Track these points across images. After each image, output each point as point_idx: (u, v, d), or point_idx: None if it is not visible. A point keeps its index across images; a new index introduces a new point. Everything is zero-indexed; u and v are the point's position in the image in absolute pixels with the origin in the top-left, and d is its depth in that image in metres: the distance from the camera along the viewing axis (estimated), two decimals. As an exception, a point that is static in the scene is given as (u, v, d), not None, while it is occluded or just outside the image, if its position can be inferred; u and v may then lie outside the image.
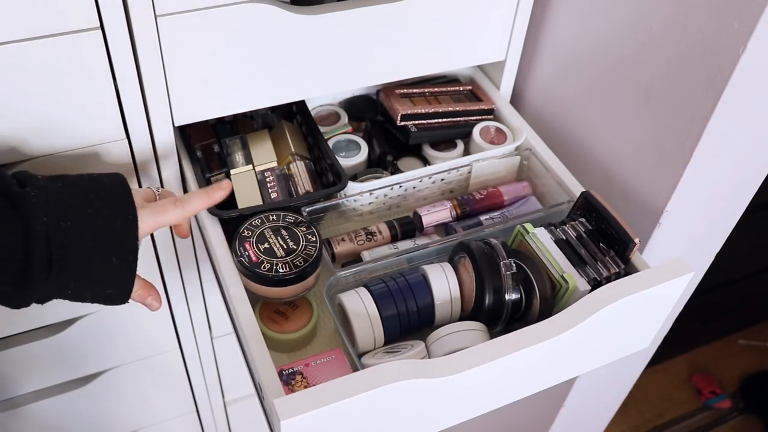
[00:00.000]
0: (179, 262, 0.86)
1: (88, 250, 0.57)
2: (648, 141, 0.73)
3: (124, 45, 0.64)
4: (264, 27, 0.69)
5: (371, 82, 0.81)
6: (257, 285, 0.67)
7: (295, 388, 0.64)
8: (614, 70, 0.76)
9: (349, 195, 0.76)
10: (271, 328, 0.70)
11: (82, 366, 0.93)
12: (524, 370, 0.63)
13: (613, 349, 0.71)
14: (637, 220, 0.77)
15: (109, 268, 0.58)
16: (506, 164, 0.83)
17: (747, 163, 0.76)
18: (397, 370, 0.55)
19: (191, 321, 0.96)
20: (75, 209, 0.57)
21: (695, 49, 0.65)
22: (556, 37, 0.85)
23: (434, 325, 0.68)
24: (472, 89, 0.90)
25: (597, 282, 0.67)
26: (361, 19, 0.73)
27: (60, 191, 0.58)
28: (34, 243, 0.54)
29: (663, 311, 0.69)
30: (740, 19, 0.59)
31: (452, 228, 0.78)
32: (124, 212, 0.59)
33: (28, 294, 0.56)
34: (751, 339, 2.08)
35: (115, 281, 0.60)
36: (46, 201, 0.56)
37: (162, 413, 1.11)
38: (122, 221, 0.59)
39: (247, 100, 0.75)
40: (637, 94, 0.73)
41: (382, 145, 0.85)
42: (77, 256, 0.56)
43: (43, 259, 0.54)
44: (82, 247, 0.56)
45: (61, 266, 0.55)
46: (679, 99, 0.68)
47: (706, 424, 1.91)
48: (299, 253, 0.68)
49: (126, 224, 0.59)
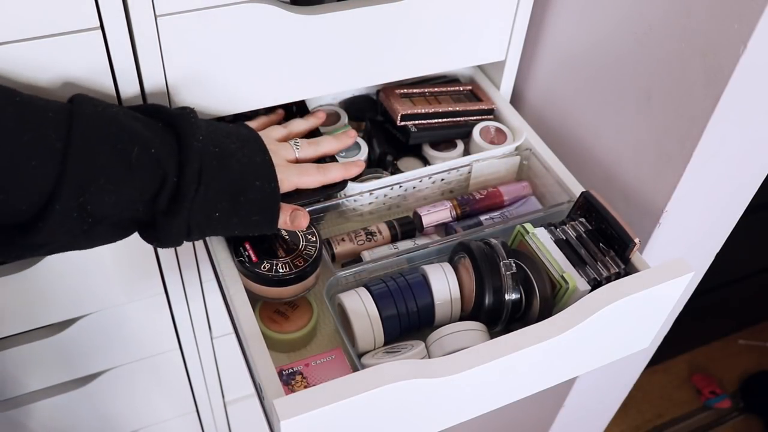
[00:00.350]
0: (179, 262, 0.86)
1: (234, 171, 0.61)
2: (648, 141, 0.73)
3: (124, 45, 0.64)
4: (264, 27, 0.69)
5: (371, 82, 0.81)
6: (257, 285, 0.67)
7: (295, 388, 0.64)
8: (614, 70, 0.76)
9: (349, 195, 0.76)
10: (271, 328, 0.70)
11: (82, 366, 0.93)
12: (524, 370, 0.63)
13: (613, 349, 0.71)
14: (637, 220, 0.77)
15: (253, 190, 0.62)
16: (506, 164, 0.83)
17: (747, 163, 0.76)
18: (397, 370, 0.55)
19: (191, 321, 0.96)
20: (222, 139, 0.62)
21: (695, 48, 0.65)
22: (557, 37, 0.85)
23: (434, 325, 0.68)
24: (472, 89, 0.90)
25: (597, 282, 0.66)
26: (361, 19, 0.73)
27: (209, 124, 0.63)
28: (189, 155, 0.58)
29: (663, 311, 0.69)
30: (740, 19, 0.59)
31: (452, 228, 0.78)
32: (261, 152, 0.65)
33: (176, 220, 0.58)
34: (751, 339, 2.08)
35: (260, 204, 0.63)
36: (200, 126, 0.61)
37: (162, 413, 1.11)
38: (261, 158, 0.64)
39: (246, 100, 0.75)
40: (638, 93, 0.73)
41: (382, 145, 0.85)
42: (225, 174, 0.60)
43: (195, 171, 0.58)
44: (228, 168, 0.61)
45: (210, 179, 0.59)
46: (680, 99, 0.68)
47: (706, 424, 1.91)
48: (299, 253, 0.68)
49: (265, 161, 0.64)
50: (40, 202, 0.53)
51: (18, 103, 0.53)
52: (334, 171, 0.72)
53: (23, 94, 0.55)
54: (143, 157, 0.57)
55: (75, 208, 0.54)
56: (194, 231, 0.61)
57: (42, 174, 0.53)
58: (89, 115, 0.56)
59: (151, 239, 0.62)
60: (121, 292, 0.86)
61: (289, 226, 0.66)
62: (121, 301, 0.87)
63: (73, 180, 0.53)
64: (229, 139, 0.63)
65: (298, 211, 0.66)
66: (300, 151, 0.72)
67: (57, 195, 0.53)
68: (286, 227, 0.66)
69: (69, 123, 0.54)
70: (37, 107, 0.54)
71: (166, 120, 0.61)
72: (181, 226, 0.60)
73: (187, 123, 0.60)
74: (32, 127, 0.53)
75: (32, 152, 0.52)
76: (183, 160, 0.58)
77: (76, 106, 0.56)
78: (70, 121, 0.54)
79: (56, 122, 0.54)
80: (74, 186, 0.53)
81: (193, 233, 0.61)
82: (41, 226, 0.53)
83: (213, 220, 0.61)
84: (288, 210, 0.66)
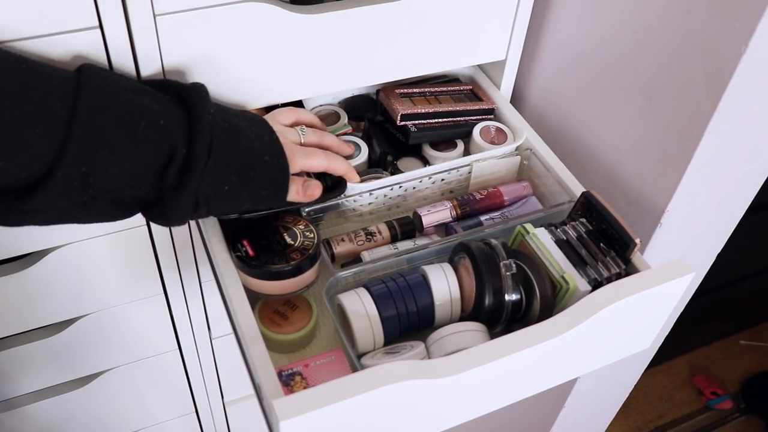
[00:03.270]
0: (178, 262, 0.86)
1: (244, 146, 0.62)
2: (649, 140, 0.73)
3: (122, 44, 0.64)
4: (263, 26, 0.69)
5: (371, 82, 0.81)
6: (256, 280, 0.67)
7: (294, 388, 0.64)
8: (615, 70, 0.76)
9: (348, 195, 0.76)
10: (271, 328, 0.70)
11: (81, 367, 0.93)
12: (524, 370, 0.63)
13: (614, 350, 0.71)
14: (638, 220, 0.77)
15: (263, 164, 0.63)
16: (506, 164, 0.83)
17: (748, 163, 0.76)
18: (397, 370, 0.55)
19: (190, 321, 0.96)
20: (231, 117, 0.63)
21: (696, 48, 0.64)
22: (557, 37, 0.85)
23: (434, 325, 0.68)
24: (472, 89, 0.90)
25: (597, 282, 0.66)
26: (361, 19, 0.73)
27: (217, 103, 0.64)
28: (199, 128, 0.58)
29: (664, 312, 0.69)
30: (741, 19, 0.59)
31: (452, 228, 0.78)
32: (269, 131, 0.65)
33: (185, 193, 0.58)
34: (752, 339, 2.07)
35: (270, 178, 0.64)
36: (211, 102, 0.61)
37: (161, 414, 1.10)
38: (269, 137, 0.65)
39: (246, 99, 0.74)
40: (638, 93, 0.73)
41: (382, 145, 0.85)
42: (235, 148, 0.61)
43: (205, 143, 0.58)
44: (238, 143, 0.61)
45: (220, 152, 0.59)
46: (681, 98, 0.68)
47: (707, 425, 1.91)
48: (297, 247, 0.68)
49: (272, 139, 0.65)
50: (41, 169, 0.53)
51: (24, 69, 0.53)
52: (339, 161, 0.73)
53: (30, 60, 0.54)
54: (150, 130, 0.56)
55: (76, 177, 0.54)
56: (202, 205, 0.60)
57: (45, 142, 0.52)
58: (97, 85, 0.55)
59: (157, 217, 0.61)
60: (120, 292, 0.86)
61: (302, 196, 0.67)
62: (119, 301, 0.87)
63: (77, 149, 0.53)
64: (237, 117, 0.64)
65: (310, 180, 0.67)
66: (305, 137, 0.72)
67: (59, 163, 0.52)
68: (299, 198, 0.67)
69: (76, 92, 0.54)
70: (43, 75, 0.54)
71: (176, 93, 0.61)
72: (190, 199, 0.59)
73: (198, 96, 0.60)
74: (38, 95, 0.52)
75: (36, 119, 0.52)
76: (193, 133, 0.58)
77: (85, 77, 0.56)
78: (77, 90, 0.54)
79: (63, 91, 0.53)
80: (77, 155, 0.53)
81: (200, 207, 0.60)
82: (40, 192, 0.53)
83: (222, 194, 0.61)
84: (300, 181, 0.67)
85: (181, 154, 0.58)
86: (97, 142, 0.54)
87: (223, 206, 0.62)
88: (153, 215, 0.61)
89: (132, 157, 0.56)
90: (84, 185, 0.54)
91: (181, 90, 0.61)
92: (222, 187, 0.60)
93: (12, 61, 0.53)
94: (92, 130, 0.54)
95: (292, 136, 0.71)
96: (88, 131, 0.53)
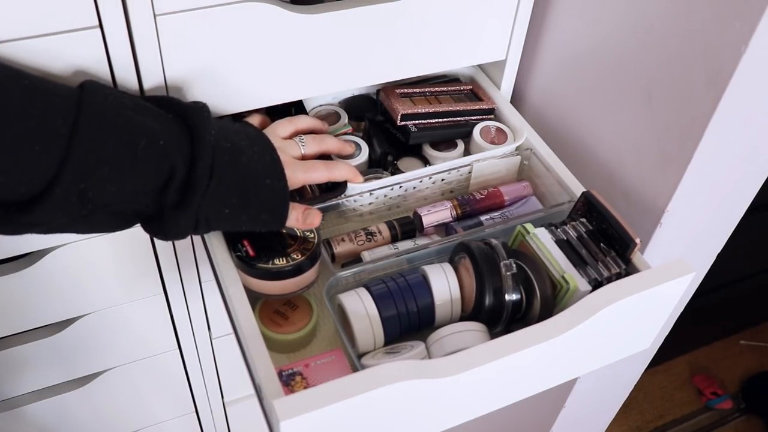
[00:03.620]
0: (178, 262, 0.86)
1: (245, 168, 0.61)
2: (649, 140, 0.73)
3: (123, 44, 0.64)
4: (263, 26, 0.69)
5: (371, 82, 0.81)
6: (256, 280, 0.67)
7: (294, 388, 0.64)
8: (615, 70, 0.76)
9: (349, 195, 0.76)
10: (271, 328, 0.70)
11: (81, 366, 0.93)
12: (525, 370, 0.63)
13: (614, 350, 0.71)
14: (638, 220, 0.77)
15: (264, 187, 0.63)
16: (507, 164, 0.83)
17: (748, 163, 0.76)
18: (397, 370, 0.55)
19: (190, 321, 0.96)
20: (232, 135, 0.63)
21: (697, 48, 0.64)
22: (557, 36, 0.85)
23: (434, 325, 0.68)
24: (472, 89, 0.90)
25: (598, 282, 0.66)
26: (361, 19, 0.73)
27: (218, 120, 0.64)
28: (201, 150, 0.58)
29: (664, 312, 0.69)
30: (742, 19, 0.59)
31: (452, 228, 0.78)
32: (270, 150, 0.65)
33: (186, 213, 0.59)
34: (752, 339, 2.07)
35: (269, 202, 0.64)
36: (212, 121, 0.61)
37: (161, 414, 1.10)
38: (270, 156, 0.64)
39: (246, 99, 0.74)
40: (639, 93, 0.73)
41: (382, 145, 0.85)
42: (236, 170, 0.61)
43: (207, 165, 0.58)
44: (239, 164, 0.61)
45: (222, 174, 0.59)
46: (681, 98, 0.68)
47: (707, 425, 1.91)
48: (297, 247, 0.68)
49: (273, 159, 0.64)
50: (40, 185, 0.53)
51: (26, 86, 0.53)
52: (340, 168, 0.73)
53: (32, 77, 0.54)
54: (150, 150, 0.56)
55: (75, 193, 0.54)
56: (202, 225, 0.61)
57: (45, 159, 0.52)
58: (99, 103, 0.56)
59: (156, 232, 0.61)
60: (120, 292, 0.86)
61: (302, 223, 0.67)
62: (119, 301, 0.87)
63: (76, 166, 0.53)
64: (239, 136, 0.63)
65: (311, 209, 0.67)
66: (305, 147, 0.72)
67: (58, 180, 0.53)
68: (299, 225, 0.67)
69: (77, 110, 0.54)
70: (45, 91, 0.54)
71: (178, 112, 0.61)
72: (190, 220, 0.59)
73: (200, 117, 0.60)
74: (39, 111, 0.52)
75: (37, 136, 0.52)
76: (195, 154, 0.58)
77: (86, 94, 0.56)
78: (78, 108, 0.54)
79: (64, 109, 0.54)
80: (76, 172, 0.53)
81: (200, 227, 0.61)
82: (39, 208, 0.53)
83: (222, 216, 0.61)
84: (300, 208, 0.67)
85: (180, 174, 0.58)
86: (97, 159, 0.54)
87: (223, 226, 0.63)
88: (152, 230, 0.62)
89: (131, 176, 0.56)
90: (83, 200, 0.55)
91: (183, 110, 0.61)
92: (222, 210, 0.61)
93: (14, 77, 0.53)
94: (92, 147, 0.54)
95: (292, 150, 0.71)
96: (87, 149, 0.53)
